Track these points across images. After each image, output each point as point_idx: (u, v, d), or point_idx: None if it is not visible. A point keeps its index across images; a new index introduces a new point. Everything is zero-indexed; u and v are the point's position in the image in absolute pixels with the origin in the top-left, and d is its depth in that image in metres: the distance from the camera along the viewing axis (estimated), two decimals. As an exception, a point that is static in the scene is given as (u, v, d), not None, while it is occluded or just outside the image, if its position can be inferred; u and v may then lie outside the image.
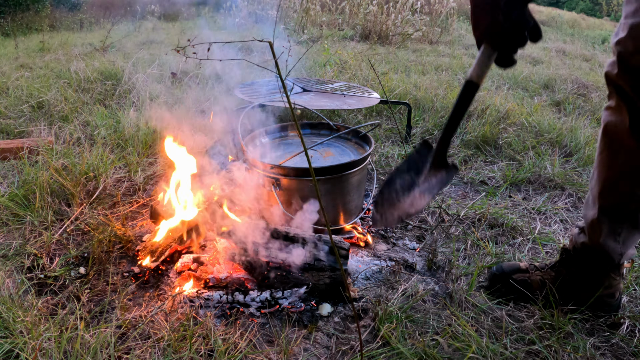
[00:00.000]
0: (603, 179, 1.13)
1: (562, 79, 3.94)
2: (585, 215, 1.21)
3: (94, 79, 3.23)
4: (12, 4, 8.03)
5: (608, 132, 1.10)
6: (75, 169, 1.80)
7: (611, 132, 1.09)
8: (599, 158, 1.14)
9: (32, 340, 1.01)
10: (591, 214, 1.17)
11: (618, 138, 1.07)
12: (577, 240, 1.24)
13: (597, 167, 1.15)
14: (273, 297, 1.23)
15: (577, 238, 1.24)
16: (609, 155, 1.11)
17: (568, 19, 11.19)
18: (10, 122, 2.48)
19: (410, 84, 3.56)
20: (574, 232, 1.27)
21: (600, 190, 1.13)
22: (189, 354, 1.03)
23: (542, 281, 1.27)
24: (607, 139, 1.11)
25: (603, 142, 1.12)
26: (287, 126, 1.83)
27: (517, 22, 0.84)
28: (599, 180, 1.14)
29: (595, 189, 1.15)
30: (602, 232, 1.15)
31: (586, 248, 1.21)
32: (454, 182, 2.07)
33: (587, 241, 1.21)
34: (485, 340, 1.11)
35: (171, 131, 1.47)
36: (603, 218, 1.14)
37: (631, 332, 1.19)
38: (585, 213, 1.21)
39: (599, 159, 1.14)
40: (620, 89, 1.02)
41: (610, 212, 1.13)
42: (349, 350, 1.10)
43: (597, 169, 1.15)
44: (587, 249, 1.21)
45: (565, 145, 2.41)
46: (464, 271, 1.41)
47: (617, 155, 1.09)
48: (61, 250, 1.45)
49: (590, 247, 1.20)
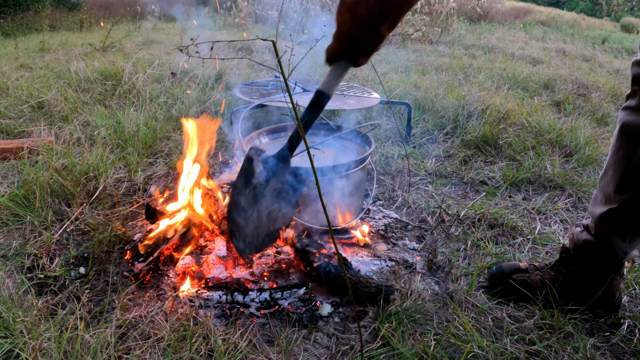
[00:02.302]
0: (621, 174, 1.13)
1: (562, 79, 3.94)
2: (593, 211, 1.21)
3: (94, 79, 3.23)
4: (12, 4, 8.03)
5: (626, 131, 1.11)
6: (75, 169, 1.80)
7: (630, 131, 1.10)
8: (616, 157, 1.14)
9: (32, 340, 1.01)
10: (600, 210, 1.17)
11: (636, 137, 1.08)
12: (580, 238, 1.24)
13: (613, 165, 1.15)
14: (272, 297, 1.23)
15: (580, 236, 1.24)
16: (626, 153, 1.11)
17: (568, 19, 11.20)
18: (10, 122, 2.48)
19: (410, 84, 3.56)
20: (576, 230, 1.27)
21: (618, 184, 1.13)
22: (189, 354, 1.03)
23: (541, 281, 1.27)
24: (625, 137, 1.11)
25: (620, 141, 1.13)
26: (287, 126, 1.83)
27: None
28: (615, 176, 1.14)
29: (610, 187, 1.15)
30: (611, 227, 1.16)
31: (589, 245, 1.21)
32: (454, 182, 2.08)
33: (591, 239, 1.21)
34: (486, 340, 1.11)
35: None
36: (615, 214, 1.14)
37: (631, 332, 1.19)
38: (593, 210, 1.21)
39: (615, 157, 1.14)
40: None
41: (625, 209, 1.13)
42: (349, 350, 1.10)
43: (612, 167, 1.15)
44: (590, 246, 1.21)
45: (565, 145, 2.41)
46: (464, 271, 1.41)
47: (635, 150, 1.09)
48: (61, 250, 1.45)
49: (593, 245, 1.20)
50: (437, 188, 2.02)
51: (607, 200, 1.16)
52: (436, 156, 2.37)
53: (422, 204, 1.85)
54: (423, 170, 2.18)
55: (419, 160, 2.29)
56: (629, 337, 1.17)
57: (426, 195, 1.93)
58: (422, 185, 2.04)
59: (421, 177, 2.12)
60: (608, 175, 1.16)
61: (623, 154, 1.12)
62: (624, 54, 6.43)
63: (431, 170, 2.19)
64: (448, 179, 2.12)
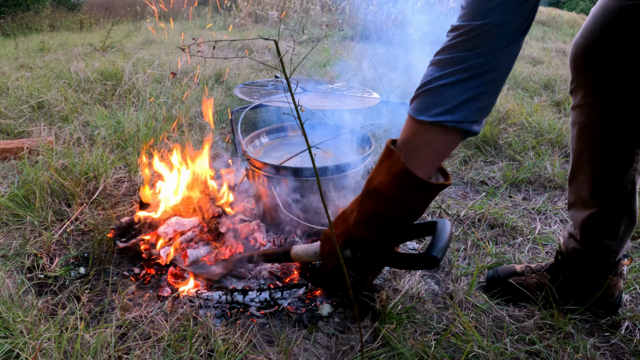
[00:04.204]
0: (591, 177, 1.10)
1: (562, 79, 3.94)
2: (574, 217, 1.18)
3: (94, 79, 3.23)
4: (12, 4, 8.03)
5: (583, 133, 1.09)
6: (75, 169, 1.80)
7: (586, 132, 1.08)
8: (581, 161, 1.11)
9: (32, 340, 1.01)
10: (581, 215, 1.15)
11: (596, 135, 1.06)
12: (568, 246, 1.22)
13: (581, 169, 1.12)
14: (272, 297, 1.23)
15: (568, 243, 1.23)
16: (591, 156, 1.09)
17: (568, 19, 11.18)
18: (10, 122, 2.48)
19: (411, 84, 3.56)
20: (565, 236, 1.25)
21: (591, 188, 1.11)
22: (189, 354, 1.03)
23: (538, 284, 1.27)
24: (585, 139, 1.09)
25: (580, 144, 1.10)
26: (287, 126, 1.83)
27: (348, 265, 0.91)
28: (587, 181, 1.11)
29: (584, 191, 1.13)
30: (598, 230, 1.14)
31: (578, 253, 1.20)
32: (454, 182, 2.07)
33: (577, 246, 1.19)
34: (486, 340, 1.11)
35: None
36: (598, 218, 1.12)
37: (631, 332, 1.19)
38: (574, 215, 1.18)
39: (580, 161, 1.12)
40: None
41: (608, 211, 1.11)
42: (349, 350, 1.10)
43: (580, 171, 1.13)
44: (578, 253, 1.20)
45: (565, 145, 2.41)
46: (464, 271, 1.41)
47: (599, 152, 1.07)
48: (61, 250, 1.45)
49: (581, 252, 1.18)
50: (437, 188, 2.01)
51: (584, 204, 1.14)
52: (436, 156, 2.36)
53: (422, 204, 1.85)
54: (423, 170, 2.17)
55: (419, 160, 2.29)
56: (629, 337, 1.17)
57: (426, 195, 1.93)
58: (422, 185, 2.04)
59: (421, 177, 2.11)
60: (578, 180, 1.14)
61: (587, 158, 1.09)
62: (624, 54, 6.42)
63: (431, 170, 2.18)
64: (448, 179, 2.11)
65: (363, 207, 0.87)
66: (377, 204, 0.85)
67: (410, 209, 0.84)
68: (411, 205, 0.83)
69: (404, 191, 0.81)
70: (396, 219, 0.85)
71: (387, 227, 0.86)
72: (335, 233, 0.88)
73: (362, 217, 0.87)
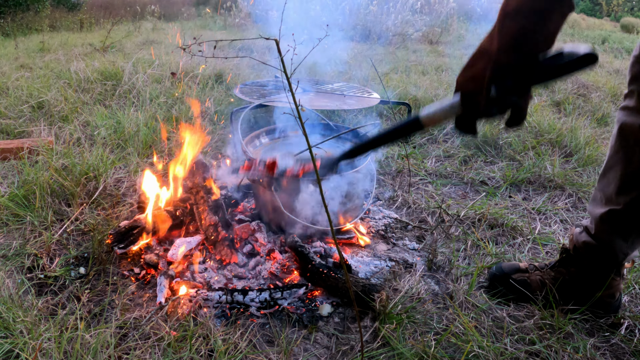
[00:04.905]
0: (622, 175, 1.12)
1: (562, 79, 3.94)
2: (593, 211, 1.20)
3: (94, 79, 3.23)
4: (12, 4, 8.03)
5: (624, 132, 1.10)
6: (75, 169, 1.80)
7: (628, 132, 1.09)
8: (615, 158, 1.13)
9: (32, 340, 1.01)
10: (600, 210, 1.17)
11: (635, 138, 1.08)
12: (579, 240, 1.23)
13: (613, 167, 1.14)
14: (272, 297, 1.23)
15: (579, 237, 1.24)
16: (626, 154, 1.11)
17: (568, 19, 11.19)
18: (10, 122, 2.48)
19: (410, 84, 3.56)
20: (575, 231, 1.26)
21: (619, 185, 1.13)
22: (189, 354, 1.03)
23: (541, 281, 1.27)
24: (624, 138, 1.11)
25: (619, 142, 1.12)
26: (286, 126, 1.83)
27: (501, 97, 0.83)
28: (617, 178, 1.13)
29: (612, 188, 1.14)
30: (613, 227, 1.15)
31: (588, 247, 1.21)
32: (454, 183, 2.08)
33: (590, 240, 1.20)
34: (486, 340, 1.11)
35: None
36: (617, 216, 1.14)
37: (631, 332, 1.19)
38: (593, 210, 1.20)
39: (615, 158, 1.14)
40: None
41: (629, 211, 1.12)
42: (349, 350, 1.10)
43: (612, 168, 1.14)
44: (589, 247, 1.21)
45: (565, 145, 2.41)
46: (464, 271, 1.41)
47: (635, 151, 1.08)
48: (61, 250, 1.45)
49: (593, 247, 1.20)
50: (437, 188, 2.02)
51: (607, 200, 1.16)
52: (436, 156, 2.37)
53: (422, 204, 1.85)
54: (423, 170, 2.18)
55: (419, 160, 2.29)
56: (629, 337, 1.17)
57: (426, 195, 1.93)
58: (422, 186, 2.04)
59: (421, 177, 2.12)
60: (608, 176, 1.16)
61: (623, 155, 1.11)
62: (624, 54, 6.43)
63: (431, 170, 2.19)
64: (448, 179, 2.12)
65: (506, 30, 0.85)
66: (520, 21, 0.84)
67: (548, 30, 0.86)
68: (552, 20, 0.85)
69: (543, 1, 0.83)
70: (539, 40, 0.86)
71: (531, 49, 0.86)
72: (476, 70, 0.87)
73: (506, 39, 0.86)
